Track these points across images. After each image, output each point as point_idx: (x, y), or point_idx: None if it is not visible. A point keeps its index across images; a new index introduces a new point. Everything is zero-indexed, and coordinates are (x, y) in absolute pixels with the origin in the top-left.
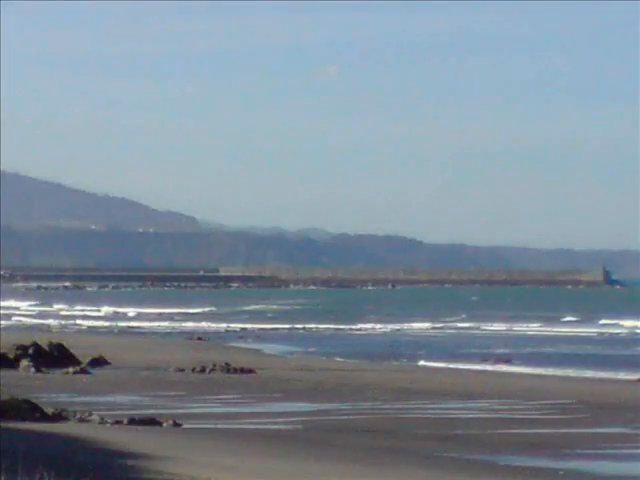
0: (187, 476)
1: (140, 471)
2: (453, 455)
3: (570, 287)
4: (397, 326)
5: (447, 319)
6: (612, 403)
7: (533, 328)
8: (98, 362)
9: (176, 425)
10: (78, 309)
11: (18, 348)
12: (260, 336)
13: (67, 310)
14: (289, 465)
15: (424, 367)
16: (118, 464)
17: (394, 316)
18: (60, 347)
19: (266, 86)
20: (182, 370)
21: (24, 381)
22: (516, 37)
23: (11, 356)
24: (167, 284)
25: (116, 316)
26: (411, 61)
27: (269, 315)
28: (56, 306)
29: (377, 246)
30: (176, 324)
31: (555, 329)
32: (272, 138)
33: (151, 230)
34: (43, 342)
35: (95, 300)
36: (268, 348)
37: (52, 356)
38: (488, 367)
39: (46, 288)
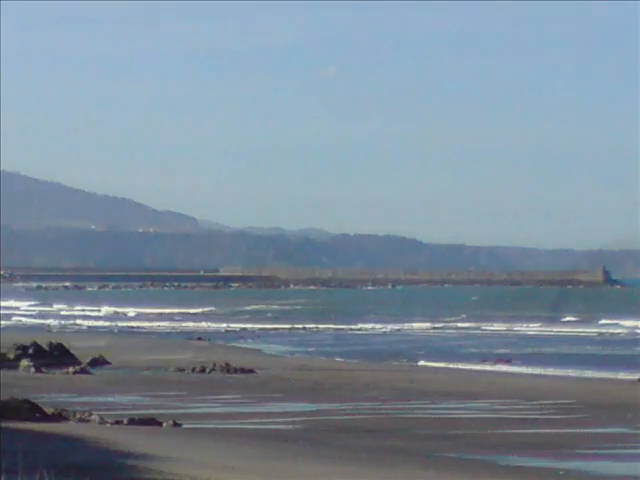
0: (187, 476)
1: (140, 471)
2: (453, 455)
3: (570, 287)
4: (397, 326)
5: (447, 319)
6: (612, 403)
7: (533, 328)
8: (98, 362)
9: (176, 425)
10: (78, 309)
11: (18, 348)
12: (260, 336)
13: (67, 310)
14: (289, 465)
15: (424, 367)
16: (118, 464)
17: (394, 316)
18: (60, 347)
19: (266, 86)
20: (182, 370)
21: (24, 381)
22: (516, 37)
23: (11, 356)
24: (167, 284)
25: (116, 316)
26: (411, 61)
27: (269, 315)
28: (56, 306)
29: (377, 246)
30: (176, 324)
31: (555, 329)
32: (272, 138)
33: (151, 230)
34: (43, 342)
35: (95, 300)
36: (268, 348)
37: (52, 356)
38: (488, 367)
39: (46, 288)
